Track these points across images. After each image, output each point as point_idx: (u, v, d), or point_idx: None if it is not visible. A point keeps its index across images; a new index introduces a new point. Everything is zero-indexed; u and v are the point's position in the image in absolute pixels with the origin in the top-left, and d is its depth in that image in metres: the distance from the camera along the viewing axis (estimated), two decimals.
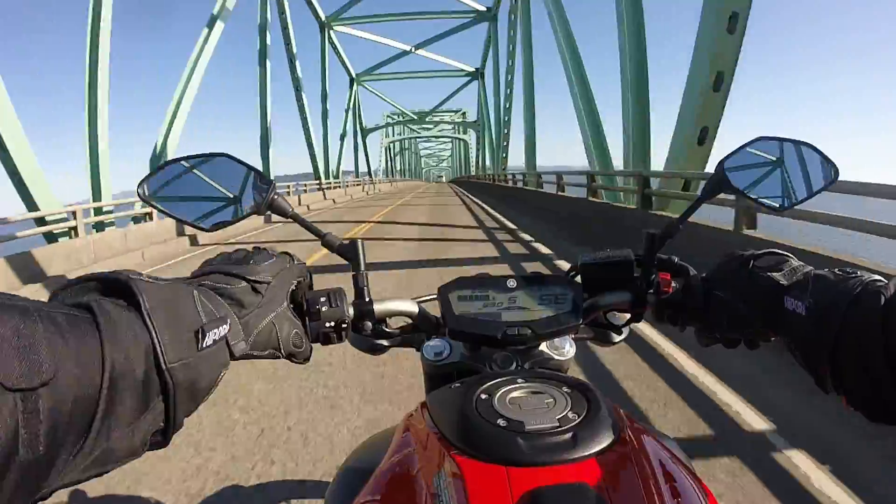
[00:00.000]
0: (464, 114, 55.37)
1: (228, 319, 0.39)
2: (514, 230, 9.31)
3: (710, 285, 0.55)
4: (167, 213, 0.54)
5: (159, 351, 0.31)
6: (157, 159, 11.44)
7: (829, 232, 3.73)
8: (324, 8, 29.18)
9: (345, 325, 0.55)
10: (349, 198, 24.95)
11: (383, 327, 0.66)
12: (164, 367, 0.31)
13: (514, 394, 0.48)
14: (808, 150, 0.59)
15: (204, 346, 0.35)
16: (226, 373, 0.39)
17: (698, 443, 2.10)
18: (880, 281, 0.40)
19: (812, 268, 0.48)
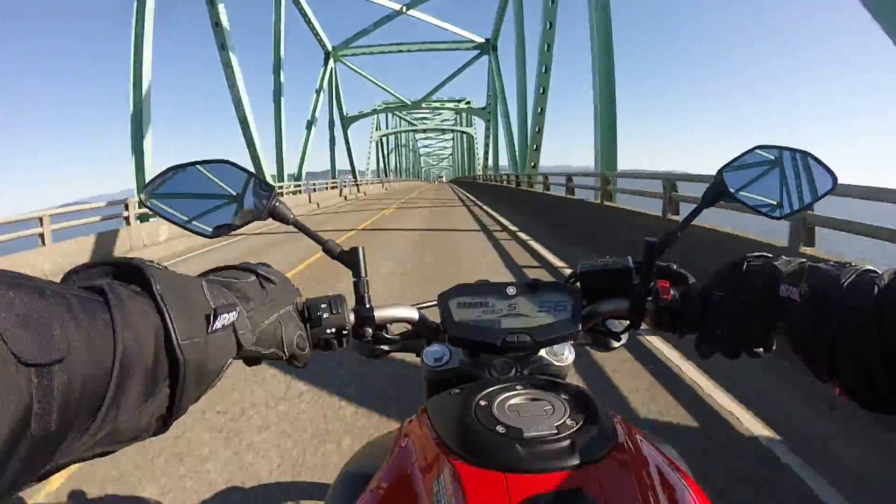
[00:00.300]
0: (468, 103, 44.00)
1: (237, 308, 0.40)
2: None
3: (709, 292, 0.55)
4: (169, 218, 0.55)
5: (171, 328, 0.31)
6: None
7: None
8: None
9: (346, 332, 0.56)
10: (313, 206, 18.24)
11: (384, 333, 0.66)
12: (175, 342, 0.31)
13: (514, 400, 0.48)
14: (806, 158, 0.60)
15: (213, 329, 0.35)
16: (232, 362, 0.39)
17: None
18: (874, 271, 0.41)
19: (807, 260, 0.49)
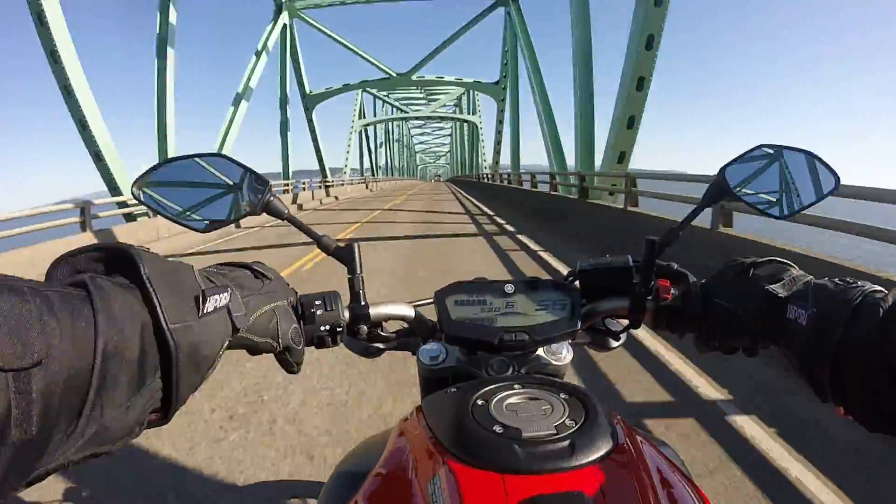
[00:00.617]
0: (476, 83, 30.73)
1: (229, 290, 0.39)
2: None
3: (710, 292, 0.55)
4: (161, 212, 0.54)
5: (160, 311, 0.31)
6: None
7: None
8: None
9: (340, 329, 0.55)
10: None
11: (379, 331, 0.65)
12: (165, 326, 0.31)
13: (511, 400, 0.47)
14: (808, 157, 0.59)
15: (205, 312, 0.35)
16: (228, 344, 0.38)
17: None
18: (880, 292, 0.41)
19: (812, 277, 0.48)
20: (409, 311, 0.64)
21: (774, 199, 0.59)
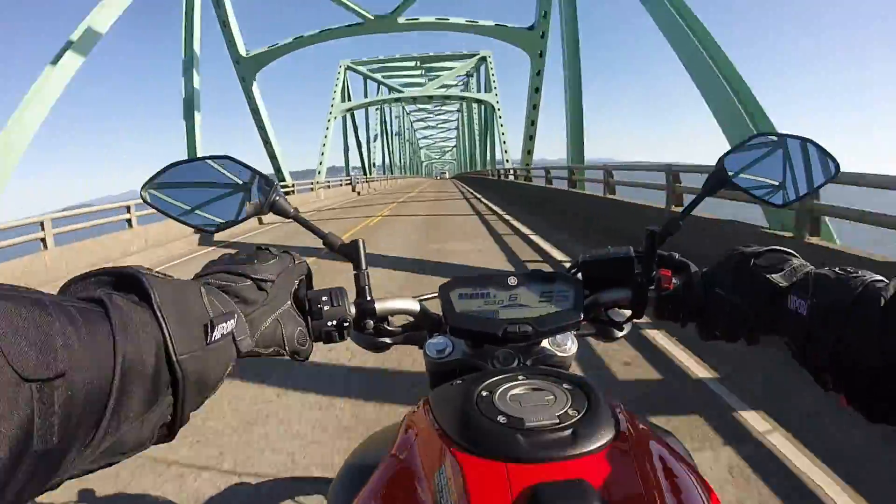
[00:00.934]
0: (500, 27, 20.84)
1: (235, 315, 0.40)
2: None
3: (711, 282, 0.55)
4: (170, 215, 0.54)
5: (169, 343, 0.31)
6: None
7: None
8: None
9: (346, 324, 0.56)
10: None
11: (385, 325, 0.66)
12: (174, 358, 0.31)
13: (515, 391, 0.48)
14: (808, 145, 0.59)
15: (212, 340, 0.35)
16: (232, 368, 0.39)
17: None
18: (881, 281, 0.41)
19: (812, 267, 0.48)
20: (415, 306, 0.65)
21: (774, 187, 0.59)
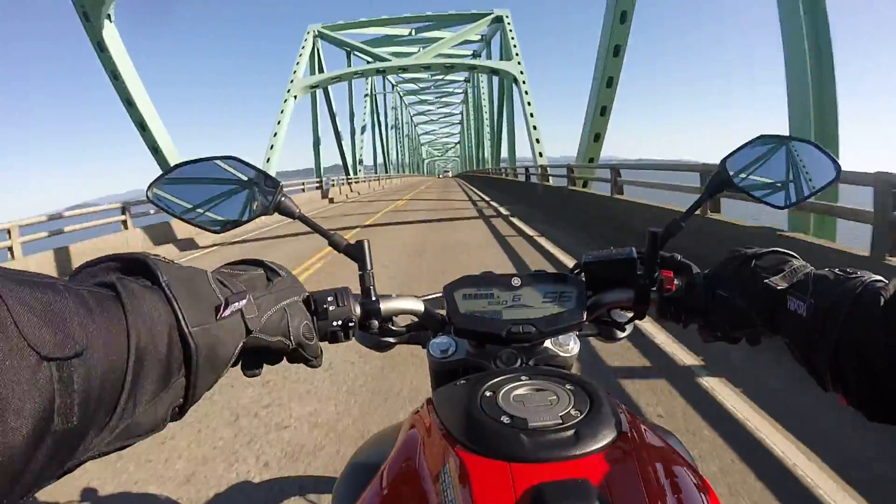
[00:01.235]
0: None
1: (246, 295, 0.40)
2: None
3: (713, 283, 0.55)
4: (177, 215, 0.55)
5: (181, 318, 0.32)
6: None
7: None
8: None
9: (352, 324, 0.56)
10: None
11: (389, 325, 0.67)
12: (187, 331, 0.32)
13: (518, 391, 0.48)
14: (809, 147, 0.60)
15: (222, 316, 0.36)
16: (242, 345, 0.40)
17: None
18: (880, 281, 0.41)
19: (812, 268, 0.48)
20: (419, 306, 0.66)
21: (776, 190, 0.60)
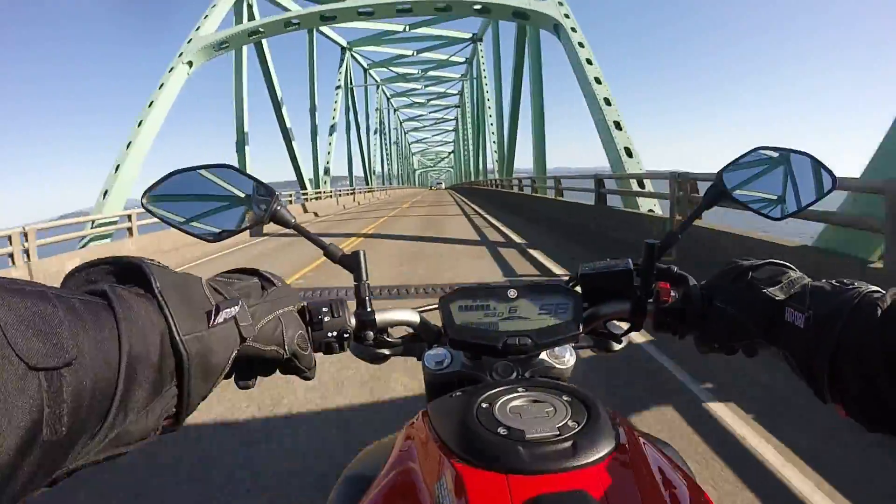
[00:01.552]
0: None
1: (239, 302, 0.40)
2: None
3: (710, 295, 0.55)
4: (171, 223, 0.55)
5: (173, 325, 0.32)
6: None
7: None
8: None
9: (347, 335, 0.56)
10: None
11: (385, 337, 0.66)
12: (177, 337, 0.32)
13: (515, 402, 0.48)
14: (805, 159, 0.60)
15: (215, 322, 0.36)
16: (236, 354, 0.39)
17: None
18: (877, 292, 0.41)
19: (810, 279, 0.49)
20: (415, 317, 0.65)
21: (772, 201, 0.60)
